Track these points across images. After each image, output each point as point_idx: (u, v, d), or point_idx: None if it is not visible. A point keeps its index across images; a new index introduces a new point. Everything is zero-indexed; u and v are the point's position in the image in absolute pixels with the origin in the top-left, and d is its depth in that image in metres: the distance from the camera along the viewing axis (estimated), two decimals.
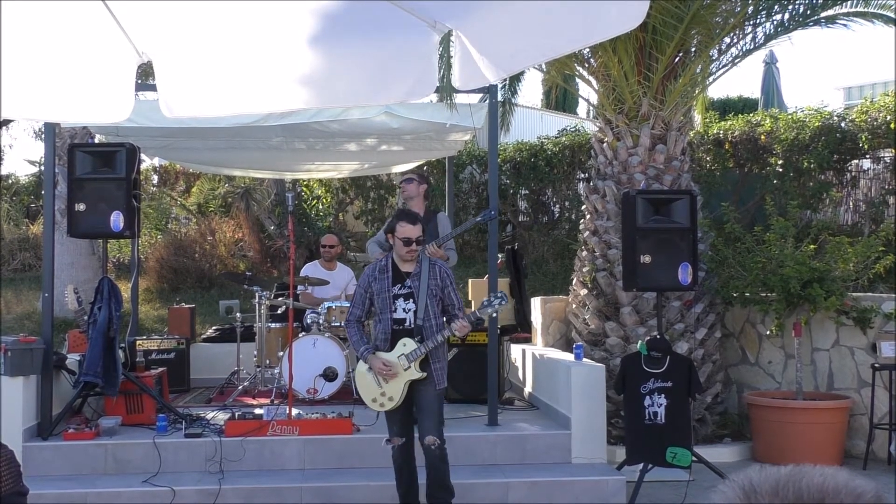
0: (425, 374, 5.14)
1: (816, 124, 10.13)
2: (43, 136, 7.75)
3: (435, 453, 5.16)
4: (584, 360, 6.99)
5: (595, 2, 2.53)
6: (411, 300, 5.18)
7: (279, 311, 8.69)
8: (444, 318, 5.28)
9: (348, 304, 8.18)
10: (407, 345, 5.15)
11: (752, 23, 7.98)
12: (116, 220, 6.61)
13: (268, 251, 13.94)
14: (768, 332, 7.87)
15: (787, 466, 1.12)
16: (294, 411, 6.59)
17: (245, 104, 3.28)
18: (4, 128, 17.36)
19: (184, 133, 8.49)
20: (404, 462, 5.31)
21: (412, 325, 5.17)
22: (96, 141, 9.30)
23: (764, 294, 7.57)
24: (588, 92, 8.86)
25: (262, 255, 13.97)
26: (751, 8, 7.83)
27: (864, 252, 7.48)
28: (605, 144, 8.16)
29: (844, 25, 8.26)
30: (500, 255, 8.98)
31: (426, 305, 5.17)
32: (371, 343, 5.29)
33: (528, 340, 9.00)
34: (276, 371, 7.85)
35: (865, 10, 8.15)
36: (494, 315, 5.72)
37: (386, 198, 14.21)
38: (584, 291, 8.14)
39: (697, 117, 11.98)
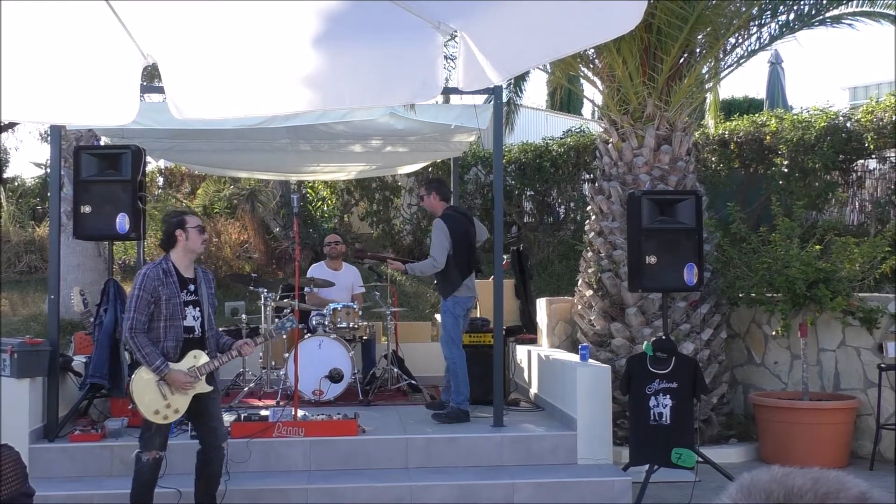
0: (213, 387, 5.12)
1: (822, 124, 10.11)
2: (48, 138, 7.75)
3: (223, 457, 5.24)
4: (590, 360, 6.99)
5: (597, 2, 2.53)
6: (198, 308, 5.07)
7: (284, 313, 8.68)
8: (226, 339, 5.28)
9: (354, 305, 8.23)
10: (198, 357, 4.99)
11: (757, 23, 7.97)
12: (122, 222, 6.62)
13: (273, 253, 13.96)
14: (774, 333, 7.85)
15: (787, 467, 1.13)
16: (300, 413, 6.60)
17: (252, 106, 3.27)
18: (10, 130, 17.41)
19: (189, 135, 8.50)
20: (154, 478, 5.11)
21: (200, 335, 5.08)
22: (102, 143, 9.32)
23: (770, 294, 7.55)
24: (593, 93, 8.83)
25: (267, 257, 13.99)
26: (756, 9, 7.82)
27: (870, 252, 7.46)
28: (609, 145, 8.15)
29: (850, 25, 8.24)
30: (505, 256, 8.97)
31: (209, 315, 5.10)
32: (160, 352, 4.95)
33: (533, 341, 8.99)
34: (281, 372, 7.86)
35: (871, 9, 8.14)
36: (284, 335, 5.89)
37: (391, 199, 14.20)
38: (589, 292, 8.13)
39: (711, 122, 11.94)
